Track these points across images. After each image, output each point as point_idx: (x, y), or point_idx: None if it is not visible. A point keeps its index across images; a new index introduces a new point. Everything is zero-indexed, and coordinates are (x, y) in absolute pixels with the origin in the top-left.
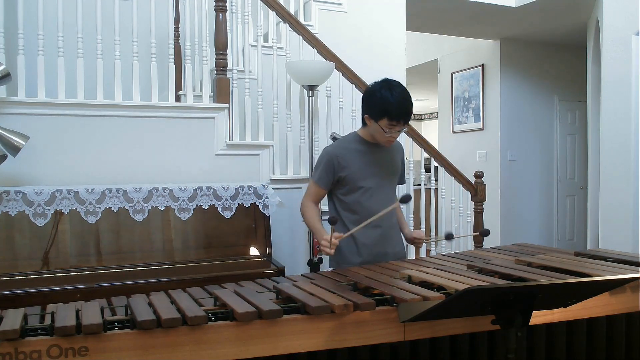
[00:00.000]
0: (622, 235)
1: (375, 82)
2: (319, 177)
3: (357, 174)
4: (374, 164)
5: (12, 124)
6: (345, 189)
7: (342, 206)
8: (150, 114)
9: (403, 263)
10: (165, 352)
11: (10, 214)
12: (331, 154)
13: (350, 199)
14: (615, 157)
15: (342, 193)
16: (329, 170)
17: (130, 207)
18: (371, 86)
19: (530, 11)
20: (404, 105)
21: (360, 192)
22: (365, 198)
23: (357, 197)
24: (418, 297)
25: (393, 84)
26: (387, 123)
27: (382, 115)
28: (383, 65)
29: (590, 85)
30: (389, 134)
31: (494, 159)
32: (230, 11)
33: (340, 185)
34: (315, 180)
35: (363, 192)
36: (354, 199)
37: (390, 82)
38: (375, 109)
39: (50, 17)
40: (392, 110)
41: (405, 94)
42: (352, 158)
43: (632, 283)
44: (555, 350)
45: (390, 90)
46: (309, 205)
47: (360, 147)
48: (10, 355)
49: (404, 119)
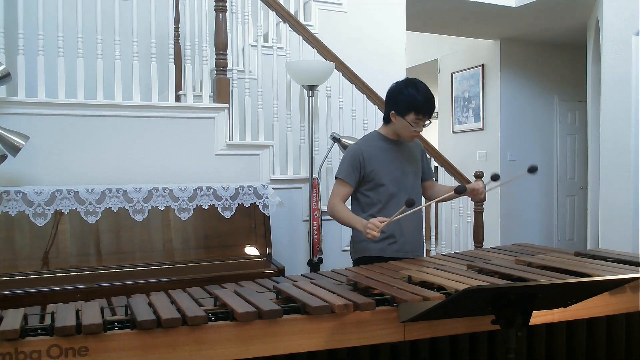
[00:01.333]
0: (622, 235)
1: (399, 81)
2: (346, 174)
3: (382, 170)
4: (397, 159)
5: (12, 124)
6: (370, 185)
7: (366, 202)
8: (150, 114)
9: (403, 263)
10: (165, 352)
11: (10, 214)
12: (357, 151)
13: (375, 195)
14: (615, 157)
15: (367, 189)
16: (355, 166)
17: (130, 207)
18: (396, 85)
19: (530, 11)
20: (430, 100)
21: (385, 188)
22: (390, 192)
23: (382, 192)
24: (418, 297)
25: (417, 81)
26: (414, 117)
27: (409, 111)
28: (383, 65)
29: (590, 85)
30: (415, 128)
31: (494, 159)
32: (230, 11)
33: (365, 181)
34: (343, 177)
35: (387, 186)
36: (378, 194)
37: (415, 80)
38: (403, 105)
39: (50, 17)
40: (420, 105)
41: (429, 91)
42: (376, 154)
43: (632, 283)
44: (555, 350)
45: (416, 87)
46: (339, 203)
47: (383, 144)
48: (10, 355)
49: (429, 113)
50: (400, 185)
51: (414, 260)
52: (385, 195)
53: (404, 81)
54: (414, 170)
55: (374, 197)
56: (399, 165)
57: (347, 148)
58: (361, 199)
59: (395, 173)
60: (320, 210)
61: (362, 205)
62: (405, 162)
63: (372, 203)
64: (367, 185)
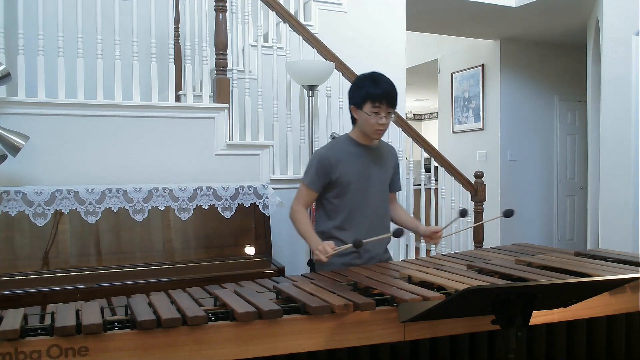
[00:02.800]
0: (622, 235)
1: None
2: (311, 181)
3: (349, 176)
4: (365, 166)
5: (12, 124)
6: (335, 192)
7: (331, 209)
8: (150, 114)
9: (403, 263)
10: (165, 352)
11: (10, 214)
12: (323, 156)
13: (340, 202)
14: (615, 157)
15: (332, 196)
16: (320, 173)
17: (130, 207)
18: (354, 79)
19: (530, 11)
20: (384, 88)
21: (351, 195)
22: (356, 201)
23: (347, 200)
24: (418, 297)
25: (376, 74)
26: (371, 107)
27: (364, 100)
28: (383, 65)
29: (590, 85)
30: (375, 119)
31: (494, 159)
32: (230, 11)
33: (331, 187)
34: (307, 183)
35: (353, 194)
36: (343, 202)
37: (374, 73)
38: (357, 96)
39: (50, 17)
40: (375, 93)
41: (387, 80)
42: (344, 160)
43: (632, 283)
44: (555, 350)
45: (372, 78)
46: (301, 210)
47: (353, 148)
48: (10, 355)
49: (388, 100)
50: (365, 194)
51: (414, 260)
52: (350, 204)
53: (362, 75)
54: (381, 179)
55: (338, 204)
56: (366, 173)
57: (316, 151)
58: (326, 206)
59: (361, 181)
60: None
61: (327, 211)
62: (373, 168)
63: (336, 210)
64: (333, 192)
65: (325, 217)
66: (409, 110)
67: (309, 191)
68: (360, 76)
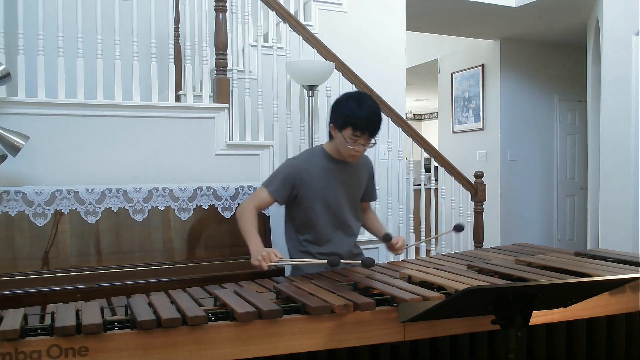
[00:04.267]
0: (622, 235)
1: (345, 93)
2: (276, 188)
3: (320, 192)
4: (335, 183)
5: (12, 124)
6: (301, 208)
7: (300, 224)
8: (150, 114)
9: (403, 263)
10: (165, 352)
11: (10, 214)
12: (295, 167)
13: (310, 217)
14: (615, 157)
15: (301, 210)
16: (287, 182)
17: (130, 207)
18: (340, 96)
19: (530, 11)
20: (370, 117)
21: (321, 211)
22: (327, 217)
23: (318, 215)
24: (418, 297)
25: (364, 96)
26: (351, 133)
27: (346, 124)
28: (383, 65)
29: (590, 85)
30: (352, 146)
31: (494, 159)
32: (230, 11)
33: (298, 203)
34: (270, 190)
35: (324, 210)
36: (313, 217)
37: (361, 94)
38: (340, 118)
39: (50, 17)
40: (358, 120)
41: (374, 107)
42: (316, 175)
43: (632, 283)
44: (555, 350)
45: (359, 101)
46: (251, 210)
47: (326, 163)
48: (10, 355)
49: (369, 131)
50: (335, 210)
51: (414, 260)
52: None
53: (349, 93)
54: (353, 194)
55: (307, 220)
56: (338, 190)
57: (287, 161)
58: (296, 221)
59: (332, 197)
60: None
61: (296, 226)
62: (344, 185)
63: (306, 226)
64: (299, 207)
65: (293, 232)
66: (409, 110)
67: (269, 197)
68: (344, 97)
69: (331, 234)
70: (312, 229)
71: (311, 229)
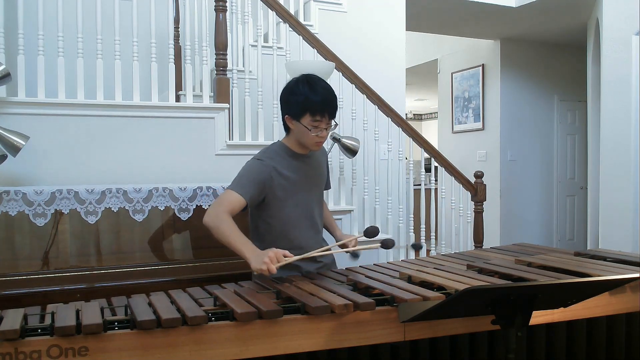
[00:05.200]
0: (622, 235)
1: (292, 79)
2: (246, 191)
3: (288, 196)
4: (305, 179)
5: (12, 124)
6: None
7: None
8: (150, 114)
9: (403, 263)
10: (165, 352)
11: (10, 214)
12: (265, 168)
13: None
14: (615, 157)
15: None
16: (257, 180)
17: (130, 207)
18: (288, 83)
19: (530, 11)
20: (326, 97)
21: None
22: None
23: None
24: (418, 297)
25: (312, 77)
26: (311, 120)
27: (304, 112)
28: (383, 65)
29: (590, 85)
30: (315, 132)
31: (494, 159)
32: (230, 11)
33: (266, 206)
34: (240, 192)
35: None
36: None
37: (310, 76)
38: (295, 106)
39: (50, 17)
40: (315, 105)
41: (327, 86)
42: (286, 175)
43: (632, 283)
44: (555, 350)
45: (310, 84)
46: (227, 214)
47: (292, 161)
48: (10, 355)
49: (329, 111)
50: (305, 206)
51: (414, 260)
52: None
53: (296, 78)
54: (319, 186)
55: (275, 223)
56: (305, 188)
57: (251, 161)
58: (261, 227)
59: (300, 198)
60: None
61: (260, 233)
62: (312, 180)
63: (271, 231)
64: (268, 210)
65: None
66: (409, 110)
67: (239, 199)
68: (293, 82)
69: (303, 237)
70: (281, 235)
71: (280, 236)
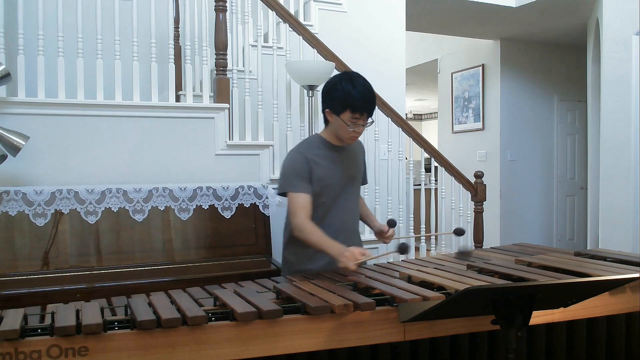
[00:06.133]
0: (622, 235)
1: (335, 75)
2: (300, 186)
3: (326, 180)
4: (340, 170)
5: (12, 124)
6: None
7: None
8: (150, 114)
9: (403, 263)
10: (165, 352)
11: (10, 214)
12: (301, 157)
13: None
14: (615, 157)
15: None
16: (301, 173)
17: (130, 207)
18: (331, 79)
19: (530, 11)
20: (366, 96)
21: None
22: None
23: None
24: (418, 297)
25: (354, 75)
26: (350, 116)
27: (344, 108)
28: (383, 65)
29: (590, 85)
30: (353, 128)
31: (494, 159)
32: (230, 11)
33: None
34: (298, 190)
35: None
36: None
37: (352, 74)
38: (337, 102)
39: (50, 17)
40: (355, 102)
41: (367, 85)
42: (321, 163)
43: (632, 283)
44: (555, 350)
45: (352, 82)
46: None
47: (327, 152)
48: (10, 355)
49: (368, 110)
50: (340, 197)
51: (414, 260)
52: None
53: (339, 75)
54: (356, 178)
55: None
56: (341, 178)
57: (290, 155)
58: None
59: (336, 188)
60: None
61: None
62: (347, 171)
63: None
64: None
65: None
66: (409, 110)
67: (303, 197)
68: (336, 78)
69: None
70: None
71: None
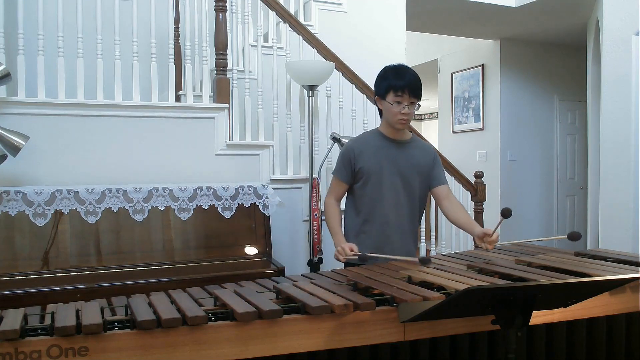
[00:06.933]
0: (622, 235)
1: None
2: (338, 170)
3: (369, 168)
4: (391, 160)
5: (12, 124)
6: (361, 182)
7: (357, 199)
8: (150, 114)
9: (403, 263)
10: (165, 352)
11: (10, 214)
12: (348, 147)
13: (363, 192)
14: (615, 157)
15: (358, 186)
16: (345, 162)
17: (130, 207)
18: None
19: (530, 11)
20: (408, 78)
21: (371, 186)
22: (374, 192)
23: (368, 190)
24: (418, 297)
25: (400, 65)
26: (393, 96)
27: (387, 90)
28: (383, 65)
29: (590, 85)
30: (398, 108)
31: (494, 159)
32: (230, 11)
33: (357, 178)
34: (335, 173)
35: (373, 185)
36: (365, 192)
37: (398, 65)
38: (381, 86)
39: (50, 17)
40: (397, 82)
41: (411, 71)
42: (367, 151)
43: (632, 283)
44: (555, 350)
45: (396, 68)
46: (332, 204)
47: (379, 142)
48: (10, 355)
49: (410, 90)
50: (381, 186)
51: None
52: (370, 195)
53: (387, 66)
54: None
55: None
56: (387, 170)
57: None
58: (354, 194)
59: (380, 173)
60: (320, 210)
61: (353, 201)
62: (398, 166)
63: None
64: (359, 182)
65: (352, 208)
66: None
67: (338, 181)
68: (384, 69)
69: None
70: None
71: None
